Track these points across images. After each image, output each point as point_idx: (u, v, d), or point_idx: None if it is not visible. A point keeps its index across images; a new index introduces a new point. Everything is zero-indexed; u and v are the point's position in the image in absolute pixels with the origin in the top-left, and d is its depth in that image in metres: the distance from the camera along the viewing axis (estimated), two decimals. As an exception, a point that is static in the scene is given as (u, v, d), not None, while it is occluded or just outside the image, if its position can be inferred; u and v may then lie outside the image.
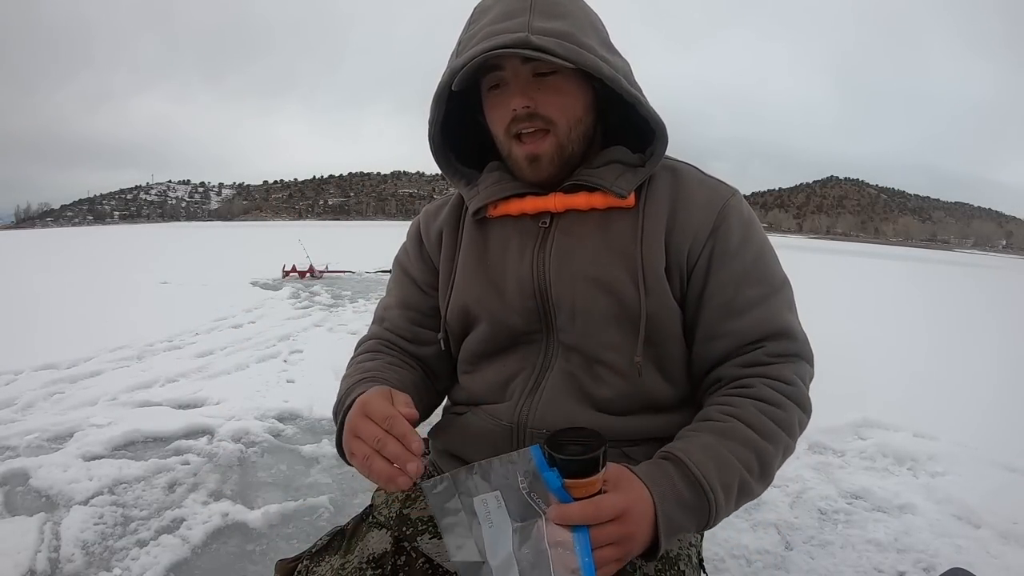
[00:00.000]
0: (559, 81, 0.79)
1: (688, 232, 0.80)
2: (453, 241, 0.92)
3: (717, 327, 0.80)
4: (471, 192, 0.88)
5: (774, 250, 0.85)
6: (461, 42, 0.80)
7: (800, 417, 0.77)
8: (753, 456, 0.71)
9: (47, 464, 2.32)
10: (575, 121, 0.81)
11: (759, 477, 0.72)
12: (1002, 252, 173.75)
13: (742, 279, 0.80)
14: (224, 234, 34.87)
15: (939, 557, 1.85)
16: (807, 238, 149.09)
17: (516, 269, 0.84)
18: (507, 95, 0.80)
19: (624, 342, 0.80)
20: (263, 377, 3.67)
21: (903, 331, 6.16)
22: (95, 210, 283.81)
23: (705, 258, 0.80)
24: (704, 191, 0.83)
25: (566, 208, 0.84)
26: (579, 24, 0.79)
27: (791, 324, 0.81)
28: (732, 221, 0.81)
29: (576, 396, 0.81)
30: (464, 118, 0.89)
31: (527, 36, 0.74)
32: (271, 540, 1.91)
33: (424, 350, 0.94)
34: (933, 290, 12.33)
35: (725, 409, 0.75)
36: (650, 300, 0.79)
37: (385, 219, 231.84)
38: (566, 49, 0.75)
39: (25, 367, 3.70)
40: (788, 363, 0.79)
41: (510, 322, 0.84)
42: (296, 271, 9.83)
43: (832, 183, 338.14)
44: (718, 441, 0.70)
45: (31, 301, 6.52)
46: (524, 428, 0.80)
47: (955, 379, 4.14)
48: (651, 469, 0.67)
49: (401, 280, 0.98)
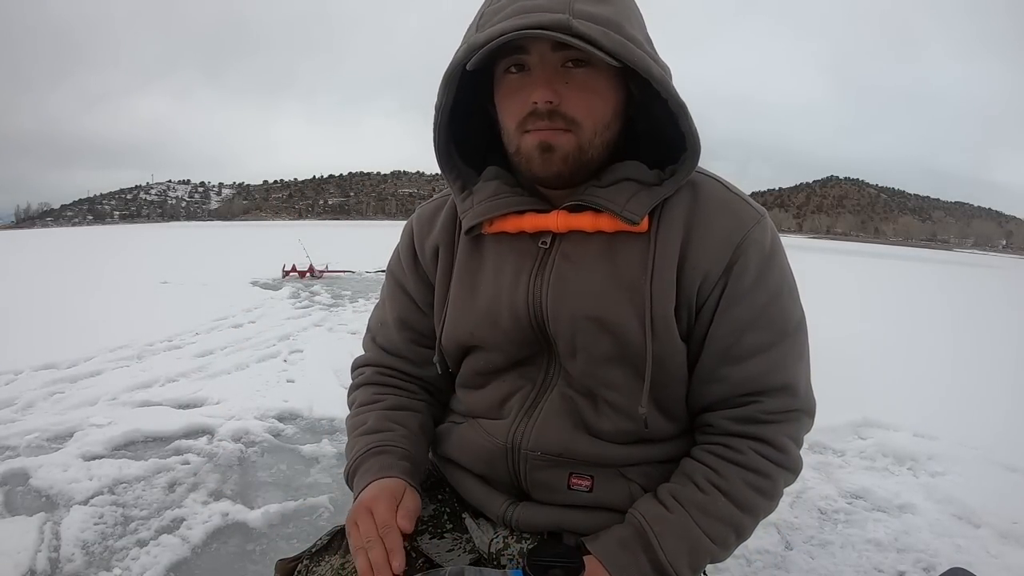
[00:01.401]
0: (590, 76, 0.69)
1: (701, 267, 0.72)
2: (449, 259, 0.84)
3: (714, 371, 0.75)
4: (465, 204, 0.79)
5: (795, 285, 0.77)
6: (483, 15, 0.70)
7: (787, 480, 0.77)
8: (731, 532, 0.73)
9: (47, 464, 2.32)
10: (602, 126, 0.71)
11: (734, 545, 0.74)
12: (1002, 252, 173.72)
13: (748, 324, 0.73)
14: (224, 234, 34.85)
15: (939, 557, 1.85)
16: (807, 238, 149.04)
17: (510, 297, 0.77)
18: (528, 83, 0.69)
19: (627, 383, 0.74)
20: (263, 377, 3.66)
21: (903, 331, 6.15)
22: (95, 210, 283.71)
23: (715, 297, 0.73)
24: (725, 217, 0.73)
25: (569, 229, 0.75)
26: (626, 13, 0.68)
27: (793, 378, 0.75)
28: (750, 256, 0.72)
29: (573, 421, 0.77)
30: (471, 106, 0.78)
31: (568, 19, 0.63)
32: (271, 540, 1.91)
33: (426, 371, 0.90)
34: (933, 290, 12.32)
35: (711, 477, 0.73)
36: (657, 344, 0.72)
37: (385, 219, 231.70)
38: (612, 41, 0.64)
39: (25, 367, 3.69)
40: (784, 423, 0.75)
41: (507, 350, 0.79)
42: (296, 271, 9.82)
43: (832, 183, 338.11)
44: (697, 518, 0.71)
45: (31, 301, 6.51)
46: (518, 450, 0.78)
47: (955, 379, 4.13)
48: (624, 559, 0.69)
49: (396, 295, 0.91)
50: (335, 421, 2.93)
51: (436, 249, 0.86)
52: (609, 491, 0.77)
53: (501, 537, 0.80)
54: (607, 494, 0.77)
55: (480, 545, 0.81)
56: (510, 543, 0.79)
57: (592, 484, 0.76)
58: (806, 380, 0.78)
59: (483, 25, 0.68)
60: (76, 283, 8.36)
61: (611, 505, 0.77)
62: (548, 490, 0.78)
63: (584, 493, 0.77)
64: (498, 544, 0.80)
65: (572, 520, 0.78)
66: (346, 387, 0.96)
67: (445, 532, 0.83)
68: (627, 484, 0.77)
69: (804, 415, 0.78)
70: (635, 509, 0.73)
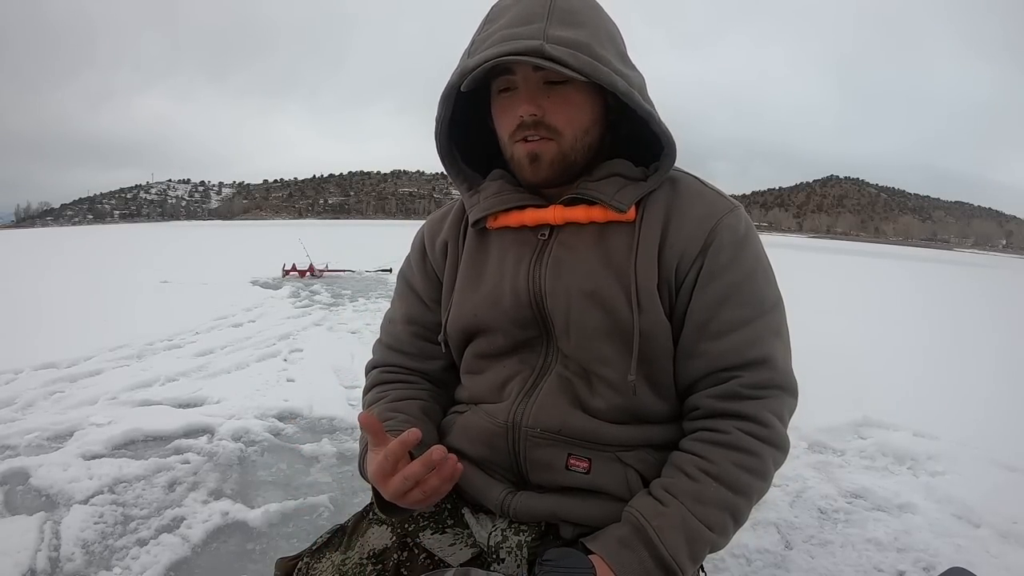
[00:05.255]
0: (569, 91, 0.78)
1: (679, 247, 0.80)
2: (456, 253, 0.92)
3: (694, 347, 0.80)
4: (472, 200, 0.88)
5: (770, 269, 0.84)
6: (475, 42, 0.79)
7: (776, 458, 0.79)
8: (728, 516, 0.75)
9: (47, 463, 2.32)
10: (581, 132, 0.80)
11: (732, 530, 0.76)
12: (1002, 252, 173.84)
13: (724, 300, 0.79)
14: (224, 233, 34.88)
15: (939, 556, 1.85)
16: (807, 237, 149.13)
17: (513, 280, 0.84)
18: (516, 101, 0.79)
19: (618, 357, 0.80)
20: (263, 376, 3.66)
21: (903, 330, 6.16)
22: (95, 209, 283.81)
23: (692, 276, 0.79)
24: (700, 205, 0.82)
25: (565, 221, 0.83)
26: (596, 34, 0.77)
27: (771, 352, 0.79)
28: (724, 238, 0.79)
29: (570, 401, 0.81)
30: (472, 117, 0.88)
31: (542, 45, 0.73)
32: (271, 539, 1.91)
33: (431, 364, 0.96)
34: (933, 289, 12.33)
35: (700, 464, 0.75)
36: (643, 318, 0.78)
37: (385, 218, 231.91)
38: (580, 61, 0.73)
39: (25, 366, 3.70)
40: (766, 398, 0.78)
41: (508, 332, 0.85)
42: (296, 270, 9.83)
43: (832, 182, 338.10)
44: (692, 508, 0.73)
45: (31, 300, 6.52)
46: (518, 428, 0.81)
47: (955, 379, 4.14)
48: (626, 557, 0.70)
49: (405, 294, 0.98)
50: (335, 420, 2.94)
51: (445, 245, 0.93)
52: (606, 475, 0.79)
53: (499, 530, 0.81)
54: (604, 478, 0.79)
55: (480, 539, 0.82)
56: (508, 536, 0.81)
57: (589, 466, 0.79)
58: (784, 357, 0.81)
59: (473, 52, 0.78)
60: (76, 283, 8.36)
61: (608, 490, 0.79)
62: (546, 470, 0.80)
63: (582, 475, 0.79)
64: (496, 537, 0.81)
65: (569, 509, 0.79)
66: (346, 386, 0.98)
67: (446, 528, 0.85)
68: (624, 469, 0.79)
69: (785, 392, 0.80)
70: (631, 506, 0.75)
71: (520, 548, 0.80)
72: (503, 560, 0.80)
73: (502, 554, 0.80)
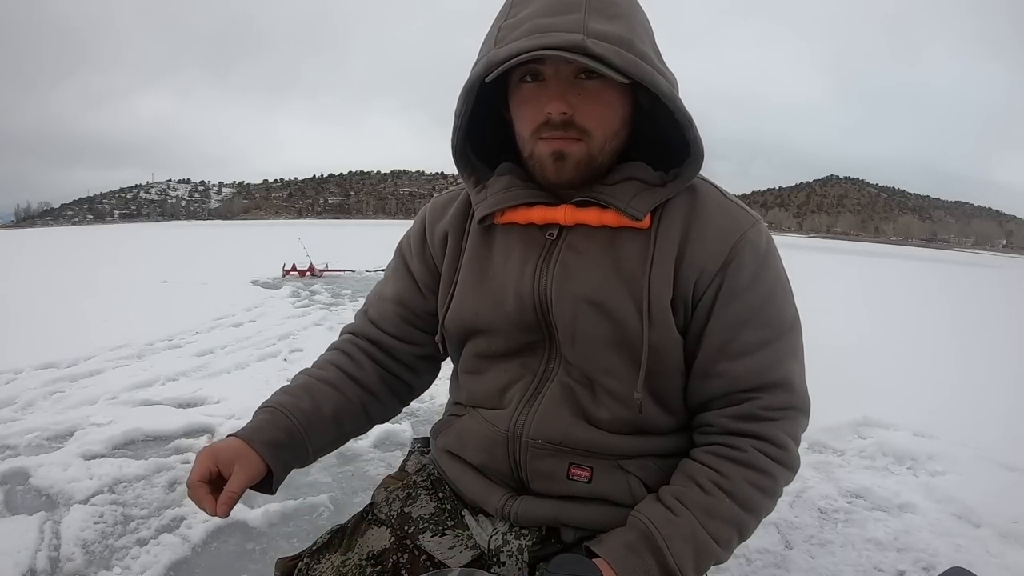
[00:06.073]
0: (602, 88, 0.72)
1: (698, 264, 0.76)
2: (457, 246, 0.87)
3: (712, 367, 0.77)
4: (479, 196, 0.83)
5: (789, 286, 0.81)
6: (500, 29, 0.72)
7: (787, 478, 0.78)
8: (735, 531, 0.74)
9: (47, 463, 2.32)
10: (611, 134, 0.75)
11: (736, 545, 0.75)
12: (1002, 251, 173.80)
13: (745, 321, 0.76)
14: (224, 233, 34.85)
15: (939, 556, 1.85)
16: (807, 237, 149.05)
17: (517, 282, 0.80)
18: (543, 94, 0.73)
19: (623, 369, 0.77)
20: (263, 376, 3.66)
21: (904, 330, 6.16)
22: (95, 209, 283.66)
23: (711, 294, 0.76)
24: (721, 218, 0.77)
25: (576, 222, 0.79)
26: (635, 28, 0.72)
27: (789, 374, 0.77)
28: (745, 256, 0.76)
29: (573, 410, 0.78)
30: (484, 109, 0.82)
31: (584, 40, 0.67)
32: (271, 539, 1.91)
33: (409, 348, 0.93)
34: (933, 289, 12.33)
35: (714, 478, 0.74)
36: (654, 332, 0.75)
37: (385, 218, 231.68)
38: (624, 60, 0.68)
39: (25, 366, 3.70)
40: (783, 420, 0.77)
41: (510, 334, 0.82)
42: (296, 270, 9.83)
43: (832, 182, 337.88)
44: (703, 521, 0.72)
45: (31, 300, 6.52)
46: (519, 438, 0.79)
47: (955, 379, 4.14)
48: (633, 562, 0.69)
49: (399, 273, 0.94)
50: (335, 420, 2.93)
51: (445, 235, 0.89)
52: (607, 483, 0.78)
53: (500, 534, 0.80)
54: (605, 485, 0.78)
55: (480, 542, 0.81)
56: (509, 539, 0.80)
57: (591, 475, 0.78)
58: (801, 378, 0.80)
59: (501, 40, 0.71)
60: (76, 282, 8.36)
61: (609, 497, 0.78)
62: (547, 480, 0.79)
63: (583, 484, 0.78)
64: (497, 540, 0.80)
65: (570, 513, 0.78)
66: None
67: (446, 530, 0.84)
68: (625, 476, 0.78)
69: (801, 413, 0.79)
70: (639, 512, 0.74)
71: (521, 552, 0.78)
72: (503, 563, 0.79)
73: (503, 557, 0.79)
